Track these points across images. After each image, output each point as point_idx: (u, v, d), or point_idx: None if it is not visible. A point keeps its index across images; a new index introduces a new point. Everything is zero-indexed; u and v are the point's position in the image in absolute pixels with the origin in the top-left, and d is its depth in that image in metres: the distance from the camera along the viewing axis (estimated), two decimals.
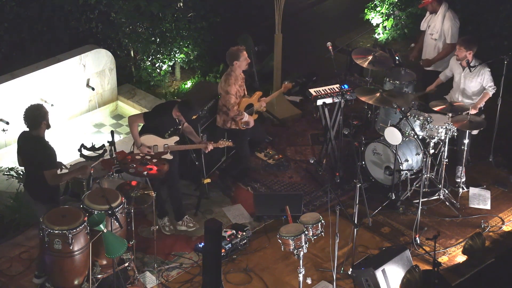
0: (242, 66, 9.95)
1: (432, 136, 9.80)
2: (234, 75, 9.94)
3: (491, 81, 10.11)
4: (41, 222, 8.01)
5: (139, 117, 9.30)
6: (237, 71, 9.96)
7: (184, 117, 9.18)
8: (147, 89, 11.95)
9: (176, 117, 9.23)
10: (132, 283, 8.71)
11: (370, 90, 10.18)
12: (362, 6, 13.60)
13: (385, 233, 9.72)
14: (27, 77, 10.69)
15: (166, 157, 9.33)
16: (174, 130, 9.36)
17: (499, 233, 9.72)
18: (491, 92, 10.14)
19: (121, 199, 8.35)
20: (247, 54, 9.95)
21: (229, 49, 9.98)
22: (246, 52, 9.94)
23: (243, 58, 9.90)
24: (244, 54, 9.90)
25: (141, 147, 9.24)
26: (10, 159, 10.42)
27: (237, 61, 9.89)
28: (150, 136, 9.29)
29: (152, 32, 11.76)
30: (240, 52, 9.89)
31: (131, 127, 9.32)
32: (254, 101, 10.16)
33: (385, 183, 10.19)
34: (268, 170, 10.75)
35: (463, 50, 10.03)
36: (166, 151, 9.33)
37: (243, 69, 10.00)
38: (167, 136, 9.34)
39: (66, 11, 11.74)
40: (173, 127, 9.33)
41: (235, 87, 9.92)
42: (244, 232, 9.42)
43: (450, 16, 10.86)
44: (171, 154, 9.41)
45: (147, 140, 9.28)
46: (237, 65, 9.91)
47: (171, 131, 9.34)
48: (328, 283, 8.93)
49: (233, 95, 9.88)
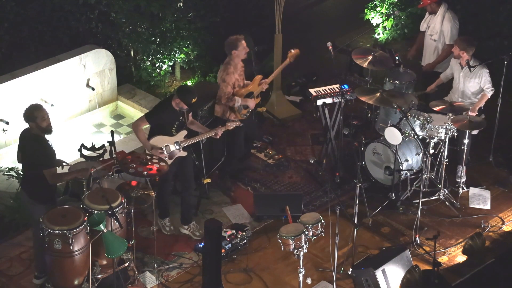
0: (241, 55, 9.86)
1: (432, 136, 9.80)
2: (233, 63, 9.88)
3: (489, 83, 10.10)
4: (41, 222, 8.02)
5: (141, 120, 9.16)
6: (236, 60, 9.88)
7: (183, 102, 9.00)
8: (147, 89, 11.95)
9: (176, 106, 9.07)
10: (132, 283, 8.72)
11: (370, 90, 10.18)
12: (362, 6, 13.60)
13: (385, 233, 9.72)
14: (27, 77, 10.69)
15: (180, 154, 9.26)
16: (180, 123, 9.20)
17: (499, 233, 9.73)
18: (489, 93, 10.14)
19: (121, 199, 8.35)
20: (246, 56, 9.92)
21: (224, 44, 9.90)
22: (245, 41, 9.87)
23: (241, 47, 9.81)
24: (242, 43, 9.81)
25: (152, 150, 9.11)
26: (10, 159, 10.43)
27: (236, 50, 9.81)
28: (159, 137, 9.15)
29: (152, 32, 11.75)
30: (239, 42, 9.80)
31: (136, 133, 9.16)
32: (254, 87, 10.10)
33: (385, 183, 10.19)
34: (268, 170, 10.75)
35: (456, 48, 10.05)
36: (179, 148, 9.22)
37: (242, 58, 9.91)
38: (175, 132, 9.19)
39: (66, 11, 11.73)
40: (177, 121, 9.17)
41: (234, 76, 9.86)
42: (244, 232, 9.42)
43: (450, 17, 10.86)
44: (185, 151, 9.31)
45: (157, 142, 9.15)
46: (236, 54, 9.83)
47: (177, 125, 9.18)
48: (328, 283, 8.93)
49: (229, 84, 9.83)
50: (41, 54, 11.33)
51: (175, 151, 9.21)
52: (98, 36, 11.97)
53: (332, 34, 12.98)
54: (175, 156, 9.23)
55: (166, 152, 9.16)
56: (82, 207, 8.25)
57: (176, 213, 9.71)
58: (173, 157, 9.20)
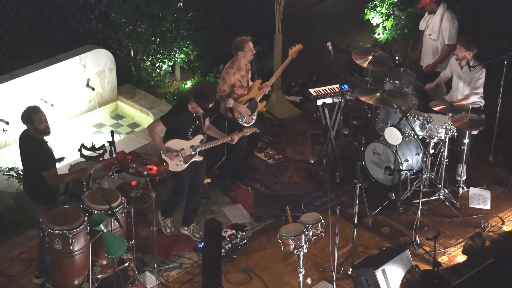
0: (247, 56, 9.91)
1: (432, 136, 9.80)
2: (238, 64, 9.91)
3: (482, 87, 10.06)
4: (41, 222, 8.01)
5: (157, 123, 9.09)
6: (241, 62, 9.92)
7: (200, 106, 8.91)
8: (147, 89, 11.95)
9: (192, 110, 9.00)
10: (132, 283, 8.72)
11: (370, 90, 10.18)
12: (362, 6, 13.60)
13: (385, 233, 9.72)
14: (27, 77, 10.69)
15: (196, 159, 9.21)
16: (196, 128, 9.13)
17: (499, 233, 9.73)
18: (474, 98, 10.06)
19: (121, 199, 8.35)
20: (252, 45, 9.92)
21: (231, 44, 9.93)
22: (251, 43, 9.88)
23: (247, 48, 9.86)
24: (249, 45, 9.86)
25: (168, 153, 9.06)
26: (10, 159, 10.43)
27: (242, 51, 9.85)
28: (174, 140, 9.09)
29: (152, 32, 11.76)
30: (245, 43, 9.85)
31: (152, 135, 9.09)
32: (254, 92, 10.11)
33: (385, 183, 10.19)
34: (268, 170, 10.75)
35: (463, 50, 10.02)
36: (195, 153, 9.18)
37: (248, 59, 9.96)
38: (190, 136, 9.12)
39: (66, 11, 11.73)
40: (193, 125, 9.10)
41: (234, 77, 9.88)
42: (244, 232, 9.42)
43: (449, 17, 10.86)
44: (200, 155, 9.27)
45: (173, 145, 9.08)
46: (242, 55, 9.87)
47: (193, 129, 9.11)
48: (328, 283, 8.93)
49: (227, 83, 9.85)
50: (41, 54, 11.33)
51: (190, 155, 9.18)
52: (98, 36, 11.97)
53: (332, 34, 12.98)
54: (191, 160, 9.19)
55: (182, 155, 9.11)
56: (82, 207, 8.25)
57: (176, 213, 9.70)
58: (188, 161, 9.17)
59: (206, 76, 12.33)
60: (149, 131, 9.15)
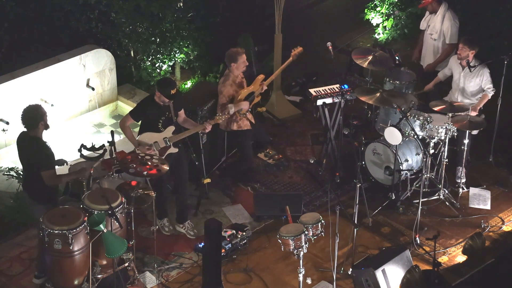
0: (240, 68, 9.95)
1: (432, 136, 9.80)
2: (232, 76, 9.96)
3: (490, 83, 10.11)
4: (41, 222, 8.01)
5: (127, 117, 9.24)
6: (235, 73, 9.97)
7: (163, 94, 9.00)
8: (147, 89, 11.95)
9: (158, 100, 9.08)
10: (132, 283, 8.71)
11: (370, 90, 10.18)
12: (362, 6, 13.61)
13: (385, 233, 9.72)
14: (27, 77, 10.69)
15: (170, 151, 9.28)
16: (166, 119, 9.22)
17: (499, 233, 9.73)
18: (490, 93, 10.14)
19: (121, 199, 8.35)
20: (246, 56, 9.94)
21: (229, 49, 9.97)
22: (245, 55, 9.92)
23: (241, 61, 9.89)
24: (242, 57, 9.89)
25: (140, 147, 9.17)
26: (10, 159, 10.43)
27: (235, 63, 9.89)
28: (147, 134, 9.21)
29: (152, 32, 11.76)
30: (239, 55, 9.88)
31: (123, 130, 9.26)
32: (255, 87, 10.11)
33: (385, 183, 10.19)
34: (268, 170, 10.75)
35: (466, 49, 10.02)
36: (168, 144, 9.26)
37: (241, 71, 10.01)
38: (161, 127, 9.22)
39: (66, 11, 11.74)
40: (163, 116, 9.19)
41: (232, 88, 9.92)
42: (244, 232, 9.42)
43: (450, 16, 10.86)
44: (175, 147, 9.33)
45: (145, 139, 9.20)
46: (234, 67, 9.91)
47: (163, 120, 9.20)
48: (328, 283, 8.93)
49: (225, 96, 9.89)
50: (41, 54, 11.33)
51: (165, 147, 9.23)
52: (98, 36, 11.98)
53: (332, 34, 12.98)
54: (166, 153, 9.24)
55: (156, 148, 9.19)
56: (82, 207, 8.24)
57: (175, 213, 9.70)
58: (164, 154, 9.21)
59: (206, 76, 12.33)
60: (120, 126, 9.31)
